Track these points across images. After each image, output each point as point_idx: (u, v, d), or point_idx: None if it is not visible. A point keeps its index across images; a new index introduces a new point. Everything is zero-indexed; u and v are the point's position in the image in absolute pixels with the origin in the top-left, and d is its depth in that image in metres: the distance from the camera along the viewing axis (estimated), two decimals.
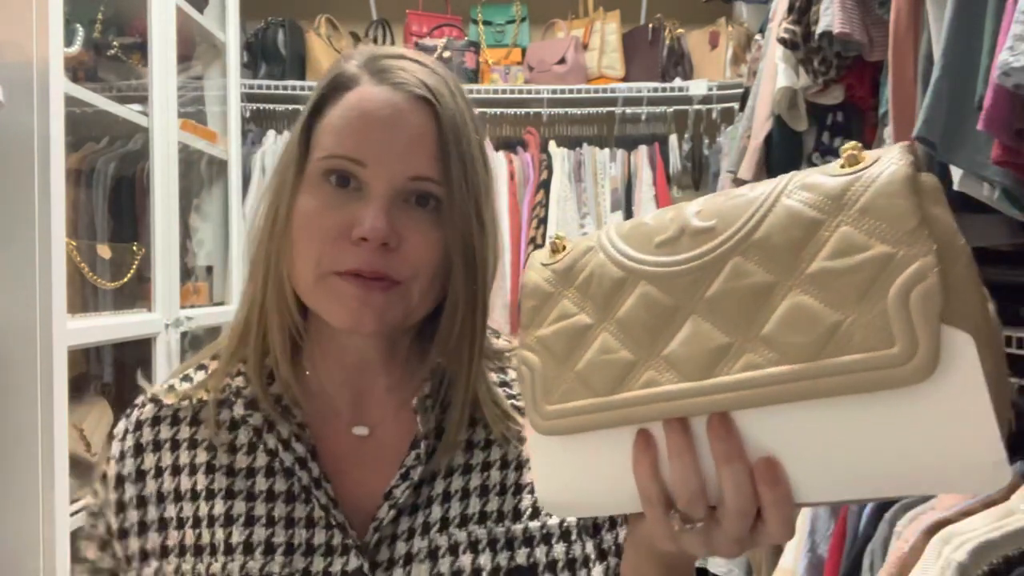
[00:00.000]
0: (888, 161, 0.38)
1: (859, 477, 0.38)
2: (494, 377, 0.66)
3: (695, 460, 0.41)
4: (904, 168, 0.37)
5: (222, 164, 2.38)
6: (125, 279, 1.84)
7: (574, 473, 0.46)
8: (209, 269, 2.40)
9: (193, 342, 2.30)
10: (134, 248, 1.89)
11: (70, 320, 1.46)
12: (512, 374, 0.68)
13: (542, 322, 0.47)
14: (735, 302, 0.40)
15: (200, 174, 2.37)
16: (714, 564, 2.39)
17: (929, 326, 0.34)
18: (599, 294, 0.45)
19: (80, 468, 1.58)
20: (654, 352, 0.42)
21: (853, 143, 0.40)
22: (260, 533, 0.58)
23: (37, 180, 1.36)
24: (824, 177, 0.39)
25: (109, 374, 2.04)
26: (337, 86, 0.60)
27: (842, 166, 0.39)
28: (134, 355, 1.96)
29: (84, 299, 1.73)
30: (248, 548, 0.58)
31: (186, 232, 2.24)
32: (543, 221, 2.73)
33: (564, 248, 0.48)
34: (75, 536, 1.46)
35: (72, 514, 1.46)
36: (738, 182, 2.02)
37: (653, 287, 0.42)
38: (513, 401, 0.65)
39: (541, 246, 2.74)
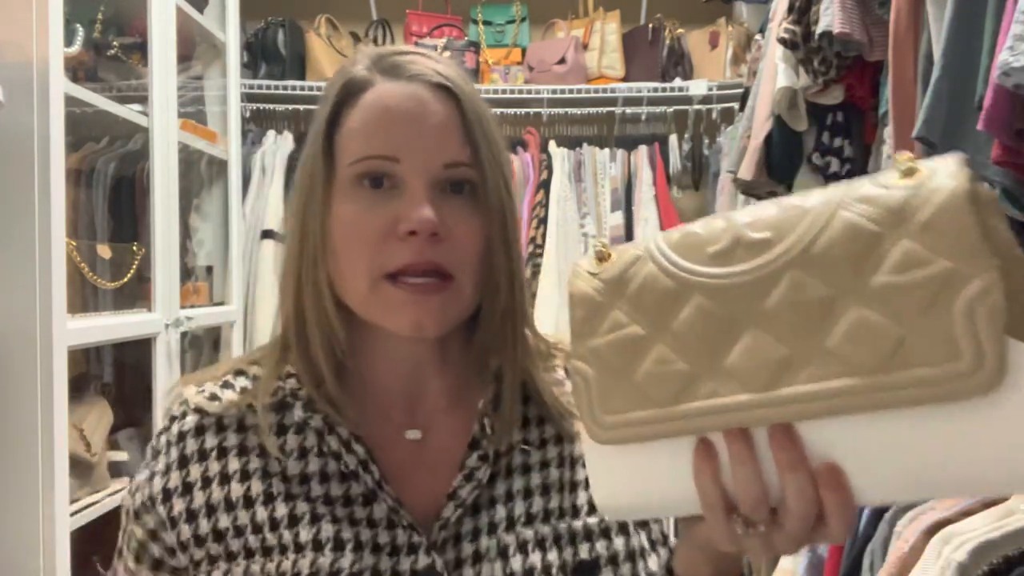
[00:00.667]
0: (947, 174, 0.38)
1: (922, 482, 0.39)
2: (547, 377, 0.66)
3: (758, 467, 0.42)
4: (965, 182, 0.38)
5: (222, 164, 2.38)
6: (125, 279, 1.84)
7: (632, 479, 0.47)
8: (209, 269, 2.40)
9: (193, 342, 2.30)
10: (134, 248, 1.89)
11: (70, 320, 1.46)
12: (561, 373, 0.68)
13: (593, 333, 0.47)
14: (796, 315, 0.40)
15: (200, 174, 2.37)
16: None
17: (995, 339, 0.35)
18: (652, 305, 0.45)
19: (80, 468, 1.58)
20: (713, 364, 0.42)
21: (908, 155, 0.40)
22: (328, 529, 0.58)
23: (37, 180, 1.36)
24: (881, 190, 0.40)
25: (109, 374, 2.04)
26: (350, 91, 0.60)
27: (900, 177, 0.40)
28: (134, 355, 1.96)
29: (84, 299, 1.73)
30: (317, 544, 0.57)
31: (186, 232, 2.24)
32: (543, 221, 2.73)
33: (609, 256, 0.49)
34: (75, 536, 1.46)
35: (72, 514, 1.46)
36: (738, 182, 2.02)
37: (709, 299, 0.43)
38: (567, 396, 0.65)
39: (541, 246, 2.74)
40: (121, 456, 1.83)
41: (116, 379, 2.05)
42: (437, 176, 0.57)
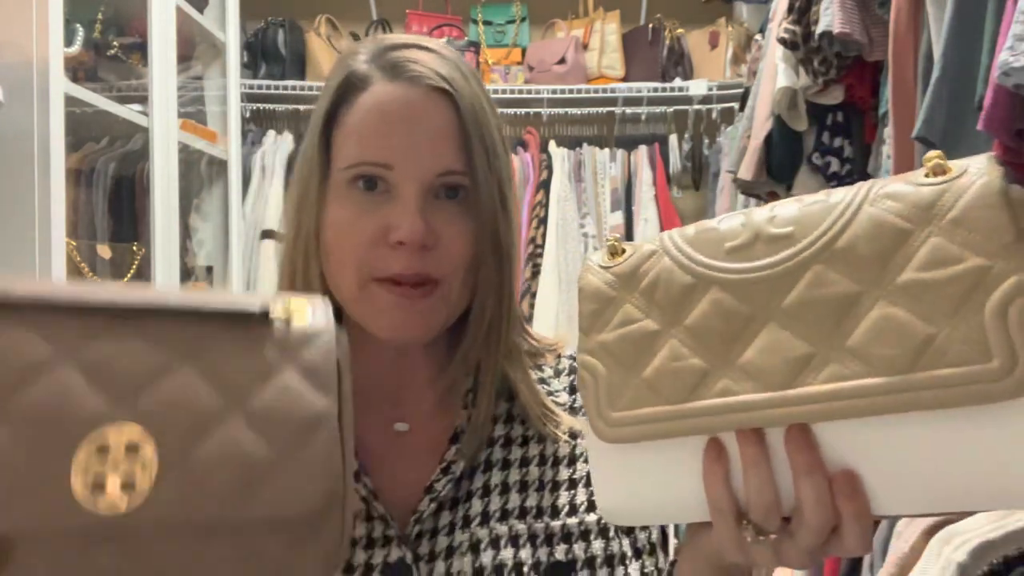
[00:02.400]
0: (979, 172, 0.37)
1: (945, 492, 0.37)
2: (532, 374, 0.66)
3: (771, 471, 0.40)
4: (997, 180, 0.37)
5: (222, 164, 2.38)
6: (125, 279, 1.84)
7: (638, 481, 0.45)
8: (209, 269, 2.40)
9: None
10: (134, 248, 1.89)
11: None
12: (548, 371, 0.68)
13: (603, 327, 0.46)
14: (817, 311, 0.39)
15: (200, 174, 2.37)
16: None
17: None
18: (666, 300, 0.44)
19: None
20: (728, 360, 0.41)
21: (937, 152, 0.39)
22: None
23: (37, 180, 1.36)
24: (909, 186, 0.39)
25: None
26: (349, 87, 0.59)
27: (927, 175, 0.39)
28: None
29: None
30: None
31: (186, 232, 2.24)
32: (543, 221, 2.73)
33: (623, 251, 0.48)
34: None
35: None
36: (738, 182, 2.02)
37: (726, 294, 0.42)
38: (553, 398, 0.65)
39: (541, 246, 2.74)
40: None
41: None
42: (430, 184, 0.57)
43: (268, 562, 0.39)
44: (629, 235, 2.72)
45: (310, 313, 0.43)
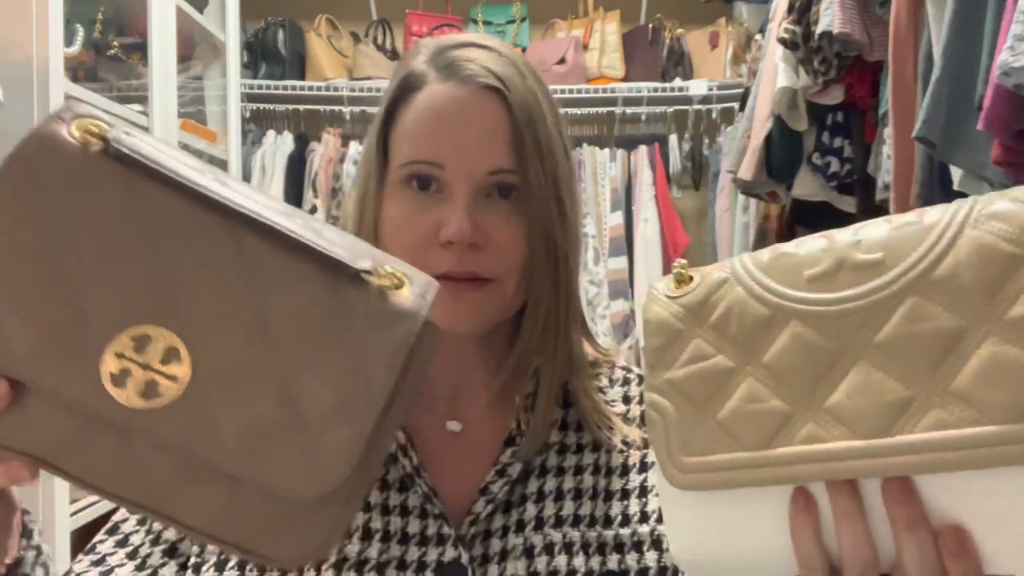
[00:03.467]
0: None
1: None
2: (589, 384, 0.65)
3: (867, 526, 0.36)
4: None
5: (222, 164, 2.38)
6: None
7: (715, 533, 0.41)
8: None
9: None
10: None
11: None
12: (604, 380, 0.68)
13: (672, 363, 0.42)
14: (915, 349, 0.35)
15: None
16: None
17: None
18: (741, 334, 0.40)
19: None
20: (814, 403, 0.37)
21: None
22: (358, 518, 0.58)
23: None
24: (1018, 205, 0.34)
25: None
26: (407, 87, 0.60)
27: None
28: None
29: None
30: (346, 532, 0.57)
31: None
32: None
33: (691, 279, 0.44)
34: (75, 536, 1.46)
35: (72, 514, 1.46)
36: (738, 182, 2.02)
37: (808, 328, 0.38)
38: (609, 407, 0.65)
39: None
40: None
41: None
42: (481, 184, 0.58)
43: (252, 524, 0.39)
44: (629, 235, 2.72)
45: (409, 292, 0.41)
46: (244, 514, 0.39)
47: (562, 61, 2.81)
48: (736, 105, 2.50)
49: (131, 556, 0.58)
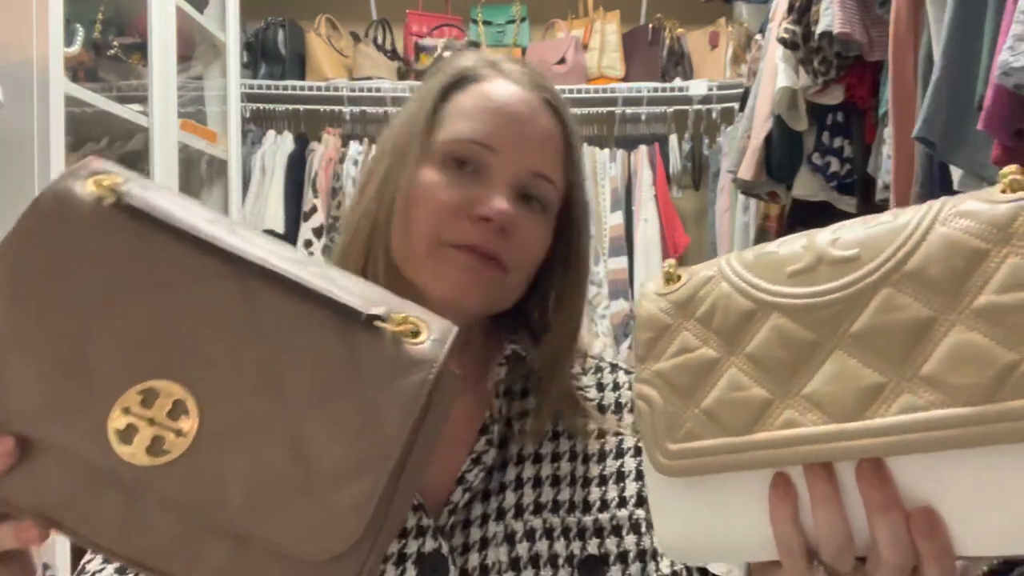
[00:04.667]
0: None
1: None
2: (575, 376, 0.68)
3: (842, 508, 0.38)
4: None
5: (222, 164, 2.38)
6: None
7: (700, 518, 0.43)
8: None
9: None
10: None
11: None
12: (577, 368, 0.70)
13: (660, 355, 0.44)
14: (888, 338, 0.37)
15: (200, 174, 2.37)
16: (714, 564, 2.38)
17: None
18: (725, 327, 0.42)
19: None
20: (792, 390, 0.39)
21: (1015, 167, 0.37)
22: None
23: (37, 180, 1.36)
24: (984, 204, 0.37)
25: None
26: (463, 77, 0.63)
27: (1003, 191, 0.37)
28: None
29: None
30: None
31: None
32: None
33: (679, 277, 0.46)
34: None
35: None
36: (738, 182, 2.02)
37: (788, 320, 0.40)
38: (582, 393, 0.68)
39: None
40: None
41: None
42: (524, 180, 0.61)
43: None
44: (629, 235, 2.72)
45: (426, 337, 0.40)
46: (251, 574, 0.37)
47: (562, 61, 2.81)
48: (736, 105, 2.50)
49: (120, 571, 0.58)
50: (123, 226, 0.39)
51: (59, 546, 1.39)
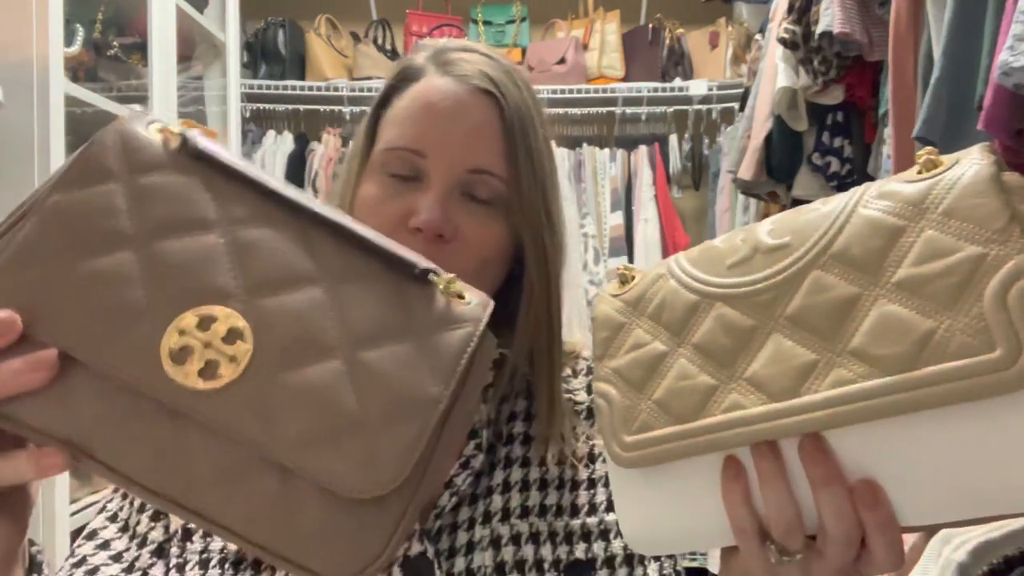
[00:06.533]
0: (969, 162, 0.37)
1: (969, 495, 0.35)
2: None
3: (788, 486, 0.39)
4: (988, 167, 0.36)
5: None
6: None
7: (660, 508, 0.44)
8: None
9: None
10: None
11: None
12: (567, 370, 0.69)
13: (616, 353, 0.46)
14: (818, 317, 0.38)
15: None
16: (714, 564, 2.38)
17: None
18: (672, 320, 0.44)
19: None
20: (735, 374, 0.40)
21: (929, 148, 0.39)
22: None
23: (37, 180, 1.36)
24: (901, 184, 0.39)
25: None
26: (404, 78, 0.62)
27: (919, 172, 0.39)
28: None
29: None
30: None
31: None
32: None
33: (633, 278, 0.48)
34: (75, 536, 1.46)
35: (72, 514, 1.46)
36: (738, 182, 2.02)
37: (729, 308, 0.42)
38: (571, 396, 0.67)
39: None
40: None
41: None
42: (460, 178, 0.58)
43: (296, 527, 0.36)
44: (629, 235, 2.72)
45: (469, 299, 0.41)
46: (290, 515, 0.36)
47: (562, 61, 2.81)
48: (736, 105, 2.50)
49: (116, 559, 0.57)
50: (188, 167, 0.40)
51: (59, 543, 1.39)
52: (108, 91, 1.91)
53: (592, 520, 0.61)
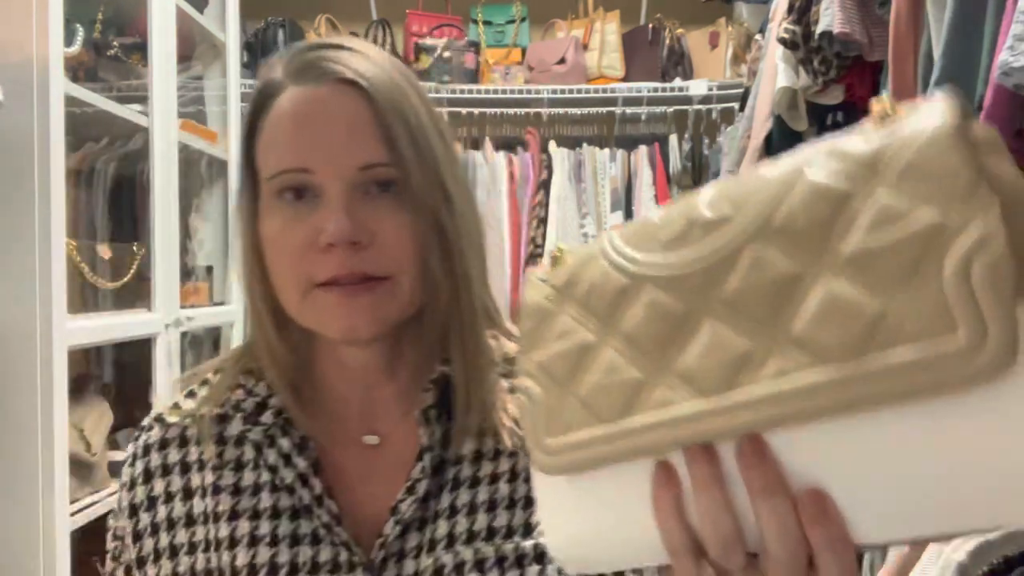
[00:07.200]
0: (930, 112, 0.30)
1: (931, 507, 0.30)
2: (504, 384, 0.62)
3: (726, 495, 0.33)
4: (952, 118, 0.30)
5: (222, 164, 2.38)
6: (125, 279, 1.84)
7: (587, 520, 0.39)
8: (209, 269, 2.40)
9: (193, 342, 2.29)
10: (134, 248, 1.88)
11: (70, 320, 1.46)
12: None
13: (541, 344, 0.40)
14: (756, 299, 0.32)
15: (200, 174, 2.37)
16: None
17: (1000, 305, 0.27)
18: (601, 306, 0.38)
19: (80, 468, 1.58)
20: (665, 367, 0.35)
21: (885, 98, 0.32)
22: (264, 554, 0.57)
23: (37, 180, 1.36)
24: (852, 141, 0.32)
25: (109, 374, 2.04)
26: (264, 96, 0.58)
27: (875, 126, 0.32)
28: (134, 355, 1.96)
29: (84, 299, 1.73)
30: (252, 570, 0.56)
31: (186, 232, 2.24)
32: (543, 221, 2.73)
33: (567, 260, 0.42)
34: (75, 536, 1.46)
35: (72, 514, 1.46)
36: None
37: (661, 292, 0.36)
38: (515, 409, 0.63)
39: (541, 246, 2.74)
40: (121, 456, 1.82)
41: (116, 379, 2.05)
42: (354, 181, 0.55)
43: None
44: None
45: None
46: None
47: (562, 61, 2.81)
48: (736, 105, 2.50)
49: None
50: None
51: (59, 543, 1.40)
52: (108, 91, 1.91)
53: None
